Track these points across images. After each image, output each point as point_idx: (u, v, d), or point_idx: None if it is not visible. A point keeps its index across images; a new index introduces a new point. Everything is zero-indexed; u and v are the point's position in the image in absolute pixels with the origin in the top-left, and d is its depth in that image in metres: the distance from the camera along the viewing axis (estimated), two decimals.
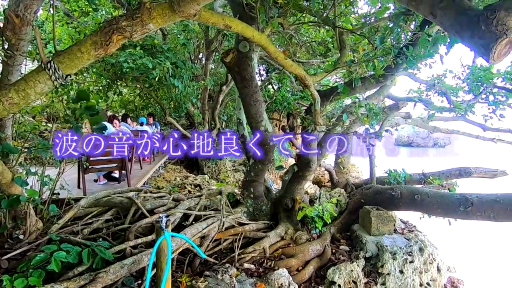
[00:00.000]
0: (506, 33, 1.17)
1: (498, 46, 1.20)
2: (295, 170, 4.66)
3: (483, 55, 1.27)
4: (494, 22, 1.19)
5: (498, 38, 1.18)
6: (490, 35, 1.20)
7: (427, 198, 4.05)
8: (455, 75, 6.31)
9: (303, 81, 3.16)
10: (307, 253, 4.18)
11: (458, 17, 1.33)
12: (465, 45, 1.37)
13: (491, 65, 5.75)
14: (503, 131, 6.31)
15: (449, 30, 1.41)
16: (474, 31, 1.27)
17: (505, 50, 1.22)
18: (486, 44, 1.22)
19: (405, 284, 3.70)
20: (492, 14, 1.19)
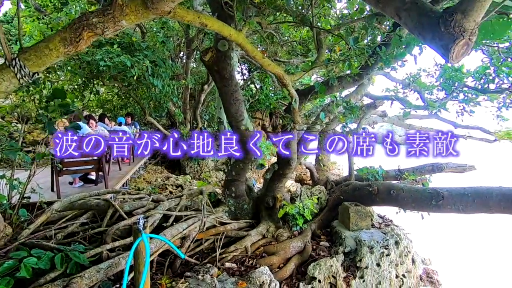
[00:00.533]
0: (463, 35, 1.23)
1: (456, 47, 1.26)
2: (276, 168, 4.70)
3: (443, 55, 1.33)
4: (452, 24, 1.25)
5: (456, 39, 1.24)
6: (449, 36, 1.26)
7: (402, 193, 4.20)
8: (429, 73, 6.59)
9: (281, 80, 3.19)
10: (288, 250, 4.22)
11: (420, 18, 1.39)
12: (427, 45, 1.44)
13: (461, 65, 6.05)
14: (473, 128, 6.65)
15: (413, 31, 1.47)
16: (435, 33, 1.33)
17: (462, 51, 1.29)
18: (445, 45, 1.28)
19: (382, 277, 3.83)
20: (450, 17, 1.25)
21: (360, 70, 3.51)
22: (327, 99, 8.58)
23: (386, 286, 3.80)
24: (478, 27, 1.24)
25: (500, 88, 5.47)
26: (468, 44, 1.28)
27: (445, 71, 5.98)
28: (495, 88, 5.47)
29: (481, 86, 5.57)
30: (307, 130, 4.70)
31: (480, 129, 6.57)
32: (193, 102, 11.68)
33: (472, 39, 1.26)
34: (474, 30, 1.24)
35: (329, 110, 4.09)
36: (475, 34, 1.25)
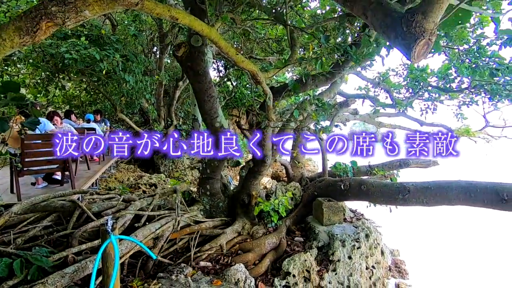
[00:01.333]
0: (424, 35, 1.29)
1: (417, 47, 1.32)
2: (251, 166, 4.70)
3: (406, 54, 1.39)
4: (413, 24, 1.30)
5: (417, 39, 1.30)
6: (410, 36, 1.32)
7: (372, 188, 4.37)
8: (397, 73, 6.90)
9: (255, 77, 3.19)
10: (264, 247, 4.26)
11: (385, 18, 1.44)
12: (391, 44, 1.49)
13: (426, 66, 6.39)
14: (436, 125, 7.06)
15: (379, 30, 1.52)
16: (398, 32, 1.38)
17: (423, 50, 1.35)
18: (407, 44, 1.34)
19: (353, 269, 3.97)
20: (412, 17, 1.31)
21: (332, 69, 3.59)
22: (302, 97, 8.74)
23: (357, 277, 3.95)
24: (437, 28, 1.30)
25: (460, 88, 5.85)
26: (428, 44, 1.34)
27: (412, 71, 6.29)
28: (456, 88, 5.84)
29: (443, 85, 5.93)
30: (282, 127, 4.74)
31: (443, 126, 7.00)
32: (168, 99, 11.38)
33: (432, 39, 1.32)
34: (433, 31, 1.30)
35: (303, 108, 4.16)
36: (434, 34, 1.31)
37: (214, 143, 4.54)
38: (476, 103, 6.26)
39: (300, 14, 5.05)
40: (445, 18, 1.36)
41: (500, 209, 3.25)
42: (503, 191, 3.15)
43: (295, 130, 5.13)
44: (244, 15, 3.75)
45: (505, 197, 3.12)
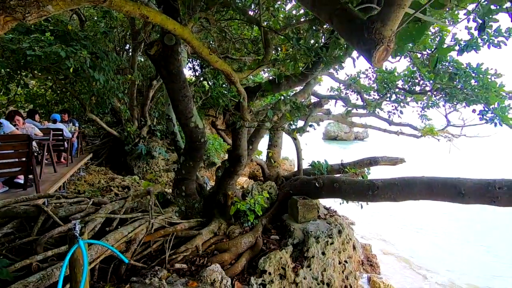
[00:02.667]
0: (383, 41, 1.38)
1: (377, 52, 1.41)
2: (227, 165, 4.71)
3: (367, 59, 1.48)
4: (373, 31, 1.39)
5: (377, 45, 1.38)
6: (371, 42, 1.40)
7: (344, 186, 4.54)
8: (367, 76, 7.20)
9: (229, 77, 3.20)
10: (240, 246, 4.28)
11: (348, 24, 1.52)
12: (355, 49, 1.57)
13: (394, 69, 6.73)
14: (404, 125, 7.47)
15: (343, 35, 1.60)
16: (360, 38, 1.46)
17: (383, 56, 1.44)
18: (368, 50, 1.42)
19: (326, 264, 4.10)
20: (372, 24, 1.39)
21: (304, 70, 3.69)
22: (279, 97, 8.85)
23: (330, 272, 4.08)
24: (395, 35, 1.40)
25: (423, 90, 6.23)
26: (387, 50, 1.43)
27: (380, 74, 6.60)
28: (420, 90, 6.21)
29: (409, 88, 6.28)
30: (257, 127, 4.79)
31: (409, 126, 7.42)
32: (141, 98, 11.05)
33: (390, 45, 1.41)
34: (391, 38, 1.39)
35: (277, 108, 4.24)
36: (392, 41, 1.40)
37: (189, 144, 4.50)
38: (438, 105, 6.70)
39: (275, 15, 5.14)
40: (402, 26, 1.45)
41: (458, 202, 3.51)
42: (461, 186, 3.41)
43: (271, 130, 5.20)
44: (218, 15, 3.75)
45: (463, 192, 3.37)
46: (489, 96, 5.49)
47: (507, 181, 3.06)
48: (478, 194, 3.24)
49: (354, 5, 2.00)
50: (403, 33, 1.86)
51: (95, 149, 10.40)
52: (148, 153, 9.43)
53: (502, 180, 3.12)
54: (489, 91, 5.45)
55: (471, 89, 5.54)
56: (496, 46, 4.61)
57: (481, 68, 5.36)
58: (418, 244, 7.99)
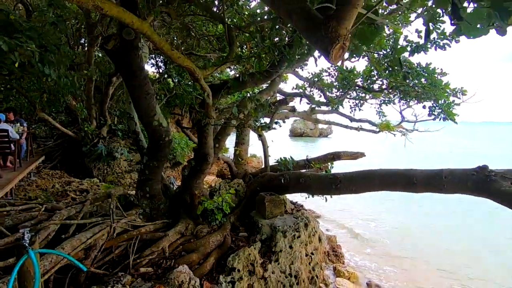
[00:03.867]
0: (338, 39, 1.44)
1: (334, 50, 1.46)
2: (193, 164, 4.62)
3: (325, 56, 1.53)
4: (330, 30, 1.44)
5: (333, 42, 1.44)
6: (328, 40, 1.45)
7: (309, 180, 4.69)
8: (329, 74, 7.49)
9: (193, 74, 3.13)
10: (208, 246, 4.23)
11: (307, 22, 1.56)
12: (314, 47, 1.62)
13: (353, 68, 7.07)
14: (363, 121, 7.90)
15: (303, 33, 1.64)
16: (318, 36, 1.51)
17: (339, 53, 1.50)
18: (325, 47, 1.47)
19: (294, 257, 4.22)
20: (328, 23, 1.45)
21: (269, 68, 3.73)
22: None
23: (298, 264, 4.21)
24: (350, 34, 1.47)
25: (381, 88, 6.64)
26: (343, 48, 1.50)
27: (341, 73, 6.90)
28: (377, 88, 6.61)
29: (367, 86, 6.65)
30: (224, 125, 4.76)
31: (368, 122, 7.88)
32: (100, 96, 10.38)
33: (346, 43, 1.48)
34: (347, 36, 1.46)
35: (243, 106, 4.24)
36: (347, 39, 1.47)
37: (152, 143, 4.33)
38: (394, 102, 7.19)
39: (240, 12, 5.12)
40: (356, 26, 1.53)
41: (411, 191, 3.80)
42: (413, 177, 3.69)
43: (237, 128, 5.20)
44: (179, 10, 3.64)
45: (415, 181, 3.65)
46: (437, 93, 6.01)
47: (451, 171, 3.38)
48: (428, 183, 3.53)
49: (315, 4, 2.06)
50: (358, 35, 1.97)
51: (48, 151, 9.57)
52: (109, 154, 8.90)
53: (447, 170, 3.43)
54: (437, 88, 5.97)
55: (422, 87, 6.02)
56: (442, 48, 5.05)
57: (429, 67, 5.83)
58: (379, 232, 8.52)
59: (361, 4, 1.38)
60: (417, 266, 6.54)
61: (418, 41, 5.38)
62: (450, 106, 6.16)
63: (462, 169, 3.30)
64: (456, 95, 5.99)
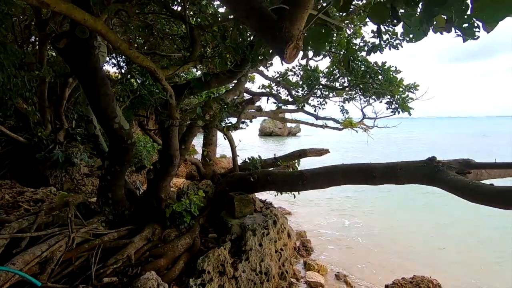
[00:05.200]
0: (292, 39, 1.49)
1: (288, 49, 1.51)
2: (158, 167, 4.49)
3: (280, 56, 1.58)
4: (283, 30, 1.49)
5: (287, 42, 1.49)
6: (282, 40, 1.50)
7: (277, 178, 4.78)
8: (295, 73, 7.68)
9: (154, 74, 3.05)
10: (177, 249, 4.14)
11: (262, 23, 1.59)
12: (269, 46, 1.66)
13: (317, 67, 7.32)
14: (328, 119, 8.21)
15: (259, 34, 1.67)
16: (273, 36, 1.55)
17: (293, 53, 1.55)
18: (280, 47, 1.52)
19: (264, 254, 4.27)
20: (282, 23, 1.49)
21: (233, 68, 3.73)
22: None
23: (268, 261, 4.26)
24: (303, 34, 1.52)
25: (343, 86, 6.95)
26: (297, 48, 1.55)
27: (306, 72, 7.11)
28: (339, 86, 6.91)
29: (330, 84, 6.92)
30: (189, 125, 4.67)
31: (332, 120, 8.20)
32: (55, 99, 9.66)
33: (299, 43, 1.53)
34: (299, 36, 1.51)
35: (208, 106, 4.20)
36: (301, 39, 1.53)
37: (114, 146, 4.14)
38: (355, 99, 7.56)
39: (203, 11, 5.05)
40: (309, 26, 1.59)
41: (371, 184, 4.03)
42: (372, 170, 3.91)
43: (204, 128, 5.14)
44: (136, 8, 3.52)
45: (374, 175, 3.88)
46: (393, 89, 6.44)
47: (404, 163, 3.65)
48: (385, 175, 3.77)
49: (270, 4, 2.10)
50: (313, 35, 2.04)
51: None
52: (66, 160, 8.31)
53: (401, 162, 3.69)
54: (393, 85, 6.39)
55: (379, 84, 6.40)
56: (395, 48, 5.41)
57: (385, 65, 6.23)
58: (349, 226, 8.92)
59: (311, 5, 1.44)
60: (385, 257, 6.93)
61: (374, 41, 5.71)
62: (405, 100, 6.64)
63: (414, 161, 3.56)
64: (410, 90, 6.46)
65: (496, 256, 6.92)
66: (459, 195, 2.99)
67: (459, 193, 3.01)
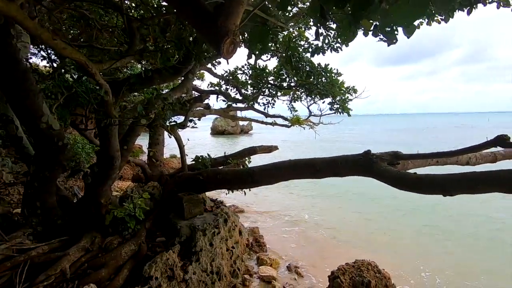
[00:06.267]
0: (228, 34, 1.48)
1: (225, 44, 1.50)
2: (96, 170, 4.12)
3: (217, 51, 1.55)
4: (219, 24, 1.47)
5: (223, 37, 1.47)
6: (218, 35, 1.48)
7: (227, 176, 4.75)
8: (243, 72, 7.72)
9: (85, 68, 2.77)
10: (120, 258, 3.86)
11: (197, 15, 1.55)
12: (206, 41, 1.63)
13: (265, 66, 7.45)
14: (277, 116, 8.45)
15: (196, 28, 1.63)
16: (209, 30, 1.52)
17: (231, 48, 1.55)
18: (217, 42, 1.50)
19: (214, 254, 4.22)
20: (218, 17, 1.47)
21: (177, 64, 3.59)
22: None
23: (219, 261, 4.23)
24: (238, 29, 1.52)
25: (290, 86, 7.20)
26: (234, 43, 1.54)
27: (255, 70, 7.20)
28: (287, 86, 7.15)
29: (278, 83, 7.12)
30: (132, 124, 4.38)
31: (281, 117, 8.47)
32: None
33: (236, 39, 1.53)
34: (236, 31, 1.51)
35: (151, 104, 3.97)
36: (237, 34, 1.52)
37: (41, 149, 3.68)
38: (302, 98, 7.91)
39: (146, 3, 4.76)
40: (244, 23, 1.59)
41: (315, 178, 4.25)
42: (316, 165, 4.12)
43: (149, 127, 4.87)
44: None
45: (318, 168, 4.09)
46: (334, 91, 6.87)
47: (344, 157, 3.92)
48: (328, 169, 4.01)
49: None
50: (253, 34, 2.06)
51: None
52: None
53: (341, 156, 3.97)
54: (334, 86, 6.82)
55: (322, 85, 6.78)
56: (335, 51, 5.78)
57: (327, 67, 6.62)
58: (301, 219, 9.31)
59: (246, 0, 1.44)
60: (335, 247, 7.37)
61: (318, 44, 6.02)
62: (345, 101, 7.15)
63: (352, 155, 3.85)
64: (349, 92, 6.97)
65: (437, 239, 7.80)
66: (390, 184, 3.32)
67: (390, 182, 3.33)
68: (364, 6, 1.57)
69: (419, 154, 3.62)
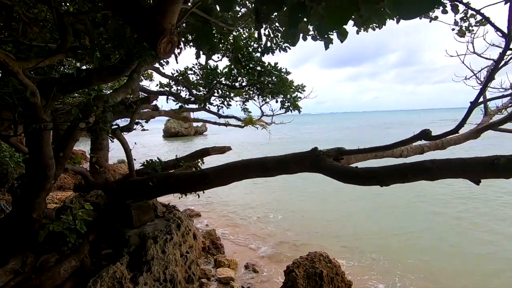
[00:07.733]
0: (164, 33, 1.42)
1: (162, 44, 1.44)
2: (26, 181, 3.66)
3: (153, 50, 1.49)
4: (155, 23, 1.41)
5: (159, 36, 1.41)
6: (154, 33, 1.41)
7: (179, 179, 4.59)
8: (194, 72, 7.54)
9: (5, 67, 2.44)
10: (58, 277, 3.49)
11: (134, 14, 1.46)
12: (144, 41, 1.55)
13: (216, 66, 7.38)
14: (230, 117, 8.44)
15: (131, 26, 1.54)
16: (145, 29, 1.45)
17: (168, 48, 1.49)
18: (153, 41, 1.43)
19: (168, 261, 4.05)
20: (153, 15, 1.40)
21: (118, 63, 3.36)
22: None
23: (172, 268, 4.07)
24: (176, 28, 1.47)
25: (242, 86, 7.24)
26: (172, 43, 1.49)
27: (205, 71, 7.08)
28: (239, 86, 7.18)
29: (230, 84, 7.11)
30: (69, 129, 3.98)
31: (234, 118, 8.48)
32: None
33: (173, 38, 1.48)
34: (172, 30, 1.46)
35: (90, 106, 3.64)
36: (174, 34, 1.47)
37: None
38: (254, 98, 8.01)
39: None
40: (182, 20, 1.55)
41: (268, 176, 4.32)
42: (267, 163, 4.20)
43: (90, 132, 4.48)
44: None
45: (269, 167, 4.18)
46: (285, 89, 7.10)
47: (293, 155, 4.06)
48: (278, 167, 4.11)
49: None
50: (197, 34, 2.02)
51: None
52: None
53: (290, 154, 4.10)
54: (285, 85, 7.05)
55: (273, 84, 6.96)
56: (284, 50, 5.96)
57: (277, 67, 6.81)
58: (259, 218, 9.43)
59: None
60: (293, 242, 7.60)
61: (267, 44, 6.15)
62: (296, 99, 7.44)
63: (300, 152, 4.00)
64: (299, 90, 7.26)
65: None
66: (335, 178, 3.52)
67: (335, 176, 3.54)
68: (301, 10, 1.64)
69: (360, 150, 3.91)
